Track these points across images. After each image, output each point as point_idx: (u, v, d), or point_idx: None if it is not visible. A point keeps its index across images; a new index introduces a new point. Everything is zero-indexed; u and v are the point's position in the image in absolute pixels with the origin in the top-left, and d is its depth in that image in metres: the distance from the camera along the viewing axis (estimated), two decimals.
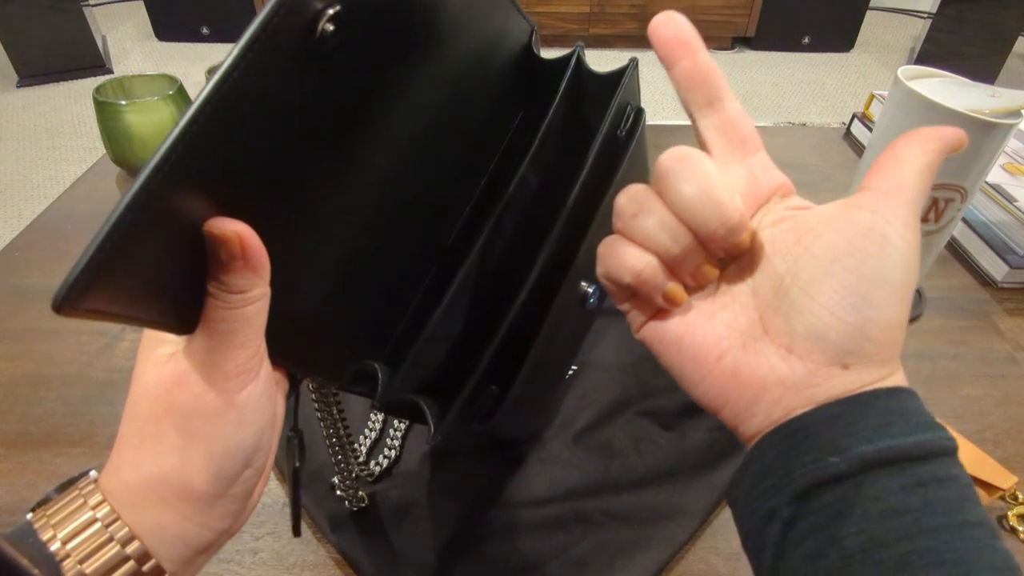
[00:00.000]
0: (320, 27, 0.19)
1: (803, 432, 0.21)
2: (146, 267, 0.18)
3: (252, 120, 0.19)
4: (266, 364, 0.23)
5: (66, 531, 0.20)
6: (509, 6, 0.33)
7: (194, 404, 0.21)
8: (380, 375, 0.30)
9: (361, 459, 0.43)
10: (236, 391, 0.21)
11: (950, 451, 0.20)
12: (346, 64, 0.22)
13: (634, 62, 0.35)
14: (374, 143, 0.26)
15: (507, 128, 0.37)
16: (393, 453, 0.43)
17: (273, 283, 0.23)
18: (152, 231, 0.18)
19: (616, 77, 0.35)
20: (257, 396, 0.22)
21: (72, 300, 0.17)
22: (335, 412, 0.35)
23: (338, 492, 0.40)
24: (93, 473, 0.22)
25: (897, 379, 0.22)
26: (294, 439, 0.30)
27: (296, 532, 0.31)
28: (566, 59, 0.35)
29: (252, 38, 0.18)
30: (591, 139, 0.32)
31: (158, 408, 0.22)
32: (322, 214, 0.25)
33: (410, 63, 0.26)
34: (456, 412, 0.30)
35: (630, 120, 0.36)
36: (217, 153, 0.18)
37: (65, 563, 0.20)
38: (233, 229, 0.19)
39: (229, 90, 0.18)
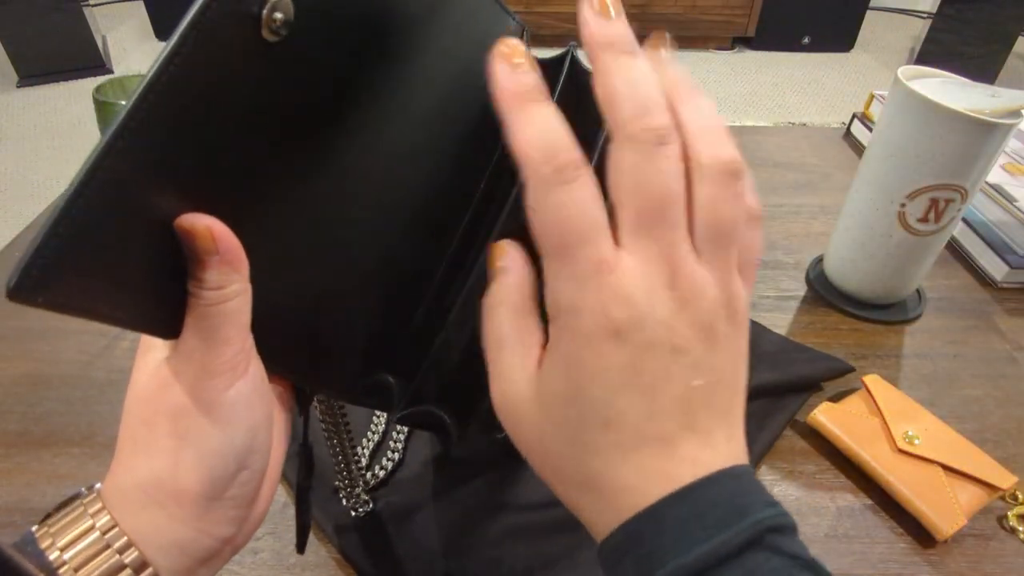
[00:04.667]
0: (268, 13, 0.19)
1: (618, 554, 0.21)
2: (114, 261, 0.18)
3: (208, 107, 0.19)
4: (256, 363, 0.23)
5: (65, 540, 0.20)
6: (496, 8, 0.33)
7: (181, 404, 0.21)
8: (396, 388, 0.29)
9: (363, 464, 0.43)
10: (223, 389, 0.21)
11: (754, 541, 0.19)
12: (308, 55, 0.22)
13: None
14: (359, 144, 0.26)
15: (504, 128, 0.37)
16: (396, 456, 0.43)
17: (266, 288, 0.23)
18: (115, 221, 0.18)
19: None
20: (246, 394, 0.22)
21: (28, 288, 0.16)
22: (341, 425, 0.34)
23: (342, 496, 0.40)
24: (99, 485, 0.22)
25: (690, 459, 0.20)
26: (303, 454, 0.30)
27: (300, 550, 0.31)
28: (560, 59, 0.35)
29: (193, 20, 0.17)
30: (589, 137, 0.32)
31: (148, 411, 0.22)
32: (311, 215, 0.25)
33: (389, 64, 0.26)
34: (478, 422, 0.29)
35: None
36: (175, 139, 0.18)
37: (61, 571, 0.20)
38: (204, 223, 0.19)
39: (175, 74, 0.17)
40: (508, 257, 0.23)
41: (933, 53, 2.60)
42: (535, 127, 0.20)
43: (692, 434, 0.21)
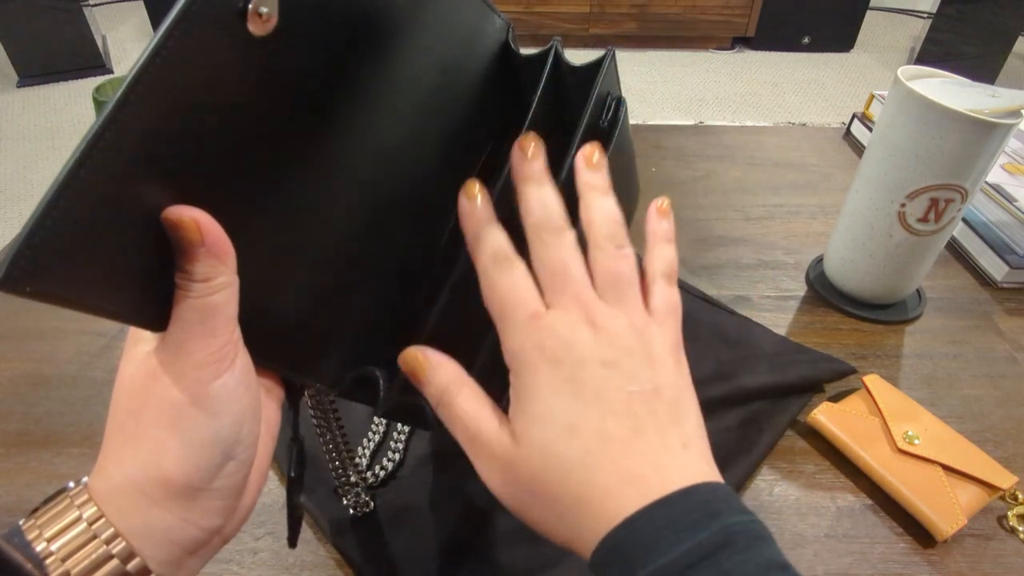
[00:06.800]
0: (254, 7, 0.19)
1: (603, 566, 0.23)
2: (102, 252, 0.18)
3: (195, 101, 0.19)
4: (243, 355, 0.23)
5: (51, 531, 0.20)
6: (482, 5, 0.33)
7: (168, 395, 0.21)
8: (381, 381, 0.30)
9: (364, 464, 0.43)
10: (209, 380, 0.21)
11: (727, 543, 0.21)
12: (293, 49, 0.22)
13: (611, 52, 0.35)
14: (345, 139, 0.26)
15: (493, 126, 0.37)
16: (397, 457, 0.43)
17: (254, 281, 0.23)
18: (102, 212, 0.18)
19: (594, 68, 0.35)
20: (232, 386, 0.22)
21: (16, 278, 0.16)
22: (332, 421, 0.34)
23: (342, 496, 0.40)
24: (86, 479, 0.22)
25: (651, 460, 0.24)
26: (293, 447, 0.30)
27: (292, 544, 0.31)
28: (544, 54, 0.35)
29: (179, 14, 0.17)
30: (571, 124, 0.32)
31: (135, 403, 0.22)
32: (299, 209, 0.25)
33: (375, 58, 0.26)
34: None
35: (611, 110, 0.35)
36: (161, 131, 0.18)
37: (48, 561, 0.20)
38: (191, 215, 0.20)
39: (161, 67, 0.18)
40: (431, 361, 0.28)
41: (933, 53, 2.60)
42: (486, 237, 0.27)
43: (644, 435, 0.24)
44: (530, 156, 0.28)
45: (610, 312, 0.26)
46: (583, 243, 0.28)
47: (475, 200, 0.28)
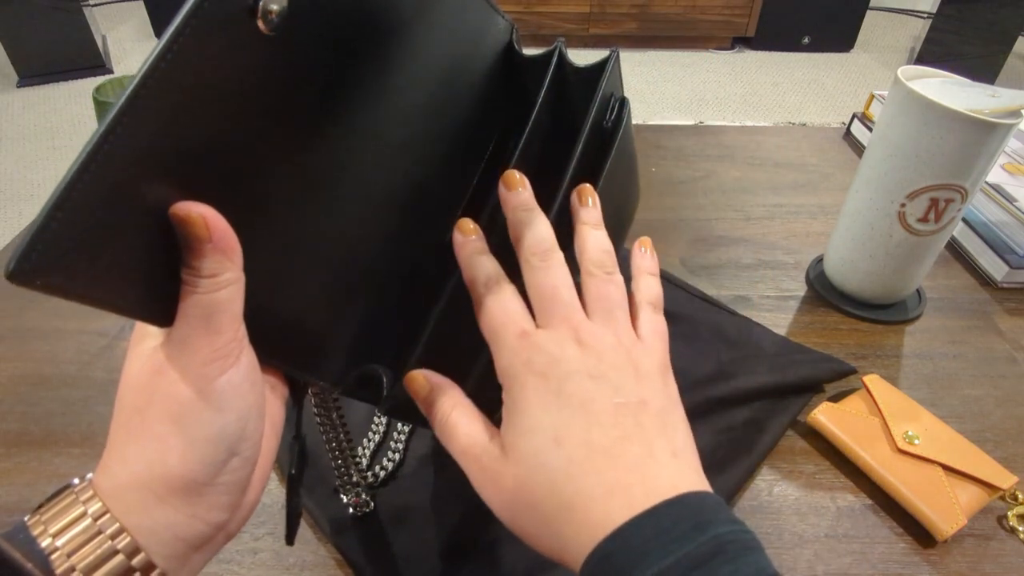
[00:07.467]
0: (263, 4, 0.19)
1: (593, 573, 0.23)
2: (110, 247, 0.18)
3: (204, 97, 0.19)
4: (248, 352, 0.23)
5: (57, 527, 0.20)
6: (485, 6, 0.33)
7: (173, 391, 0.21)
8: (384, 380, 0.30)
9: (364, 464, 0.43)
10: (215, 376, 0.21)
11: (717, 552, 0.21)
12: (300, 48, 0.22)
13: (615, 53, 0.35)
14: (350, 138, 0.26)
15: (497, 126, 0.37)
16: (397, 456, 0.43)
17: (259, 279, 0.23)
18: (111, 207, 0.18)
19: (598, 69, 0.35)
20: (238, 382, 0.22)
21: (26, 271, 0.16)
22: (335, 418, 0.35)
23: (342, 496, 0.40)
24: (90, 475, 0.22)
25: (637, 470, 0.24)
26: (295, 446, 0.30)
27: (289, 541, 0.31)
28: (548, 55, 0.35)
29: (190, 11, 0.18)
30: (578, 132, 0.33)
31: (140, 399, 0.22)
32: (304, 207, 0.25)
33: (379, 58, 0.26)
34: None
35: (615, 111, 0.36)
36: (170, 128, 0.18)
37: (53, 557, 0.20)
38: (198, 211, 0.20)
39: (172, 63, 0.18)
40: (430, 383, 0.29)
41: (933, 53, 2.60)
42: (478, 265, 0.29)
43: (631, 445, 0.25)
44: (516, 188, 0.30)
45: (597, 330, 0.27)
46: (575, 270, 0.29)
47: (469, 236, 0.30)
